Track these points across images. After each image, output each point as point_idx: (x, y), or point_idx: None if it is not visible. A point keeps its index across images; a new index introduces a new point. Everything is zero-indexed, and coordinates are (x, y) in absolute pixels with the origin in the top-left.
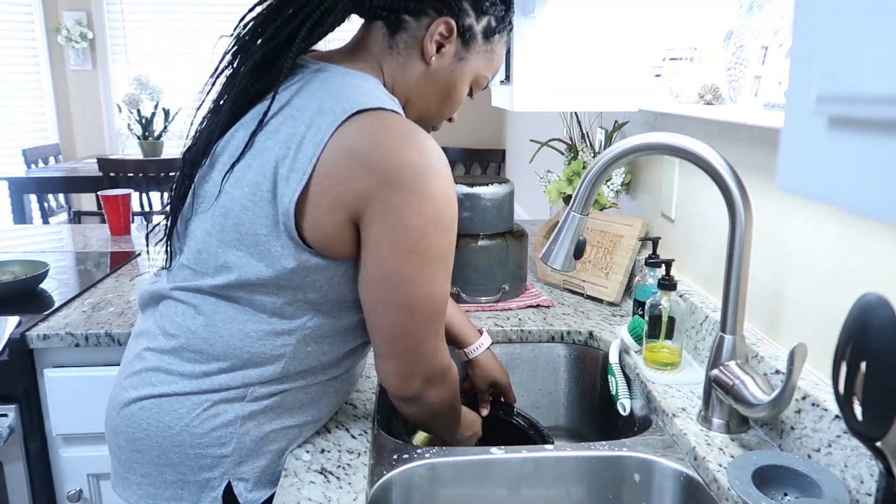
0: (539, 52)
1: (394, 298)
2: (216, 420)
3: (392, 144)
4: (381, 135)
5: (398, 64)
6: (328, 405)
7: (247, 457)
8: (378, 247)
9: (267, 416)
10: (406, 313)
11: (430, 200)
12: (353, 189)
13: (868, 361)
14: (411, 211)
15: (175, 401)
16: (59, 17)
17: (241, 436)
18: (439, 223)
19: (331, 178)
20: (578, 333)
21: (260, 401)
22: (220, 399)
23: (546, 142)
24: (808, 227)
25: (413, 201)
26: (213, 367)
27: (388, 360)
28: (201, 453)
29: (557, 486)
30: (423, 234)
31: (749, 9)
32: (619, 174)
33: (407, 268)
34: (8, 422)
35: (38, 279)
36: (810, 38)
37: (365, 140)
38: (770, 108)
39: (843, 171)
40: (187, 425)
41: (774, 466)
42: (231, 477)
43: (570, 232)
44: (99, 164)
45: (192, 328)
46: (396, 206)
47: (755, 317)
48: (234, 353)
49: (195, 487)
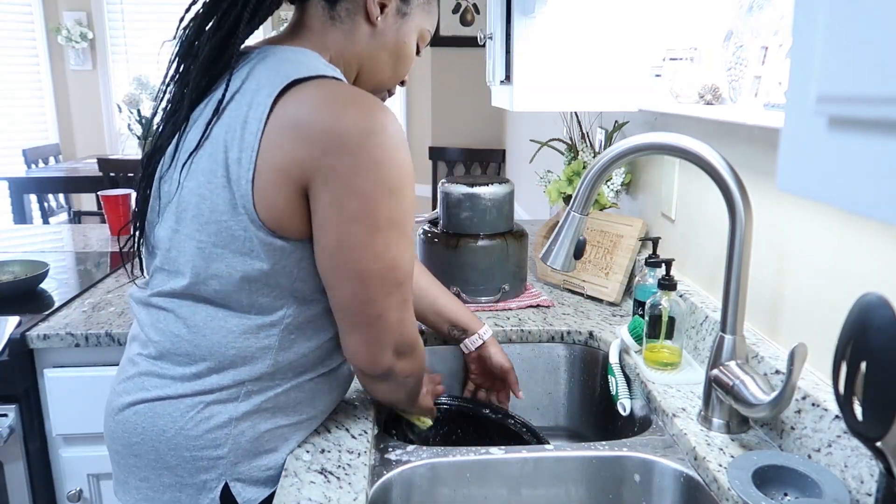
0: (539, 52)
1: (348, 268)
2: (210, 422)
3: (332, 110)
4: (320, 101)
5: (344, 32)
6: (323, 403)
7: (243, 457)
8: (326, 216)
9: (261, 416)
10: (361, 284)
11: (376, 163)
12: (297, 159)
13: (868, 361)
14: (356, 175)
15: (168, 404)
16: (59, 17)
17: (235, 437)
18: (387, 186)
19: (276, 151)
20: (578, 333)
21: (253, 400)
22: (213, 400)
23: (546, 142)
24: (808, 227)
25: (357, 165)
26: (203, 368)
27: (351, 334)
28: (197, 455)
29: (557, 487)
30: (370, 199)
31: (749, 9)
32: (619, 174)
33: (357, 235)
34: (8, 422)
35: (38, 279)
36: (810, 38)
37: (304, 109)
38: (770, 108)
39: (843, 171)
40: (182, 428)
41: (774, 466)
42: (228, 478)
43: (570, 232)
44: (99, 164)
45: (176, 332)
46: (340, 171)
47: (755, 317)
48: (219, 351)
49: (193, 490)
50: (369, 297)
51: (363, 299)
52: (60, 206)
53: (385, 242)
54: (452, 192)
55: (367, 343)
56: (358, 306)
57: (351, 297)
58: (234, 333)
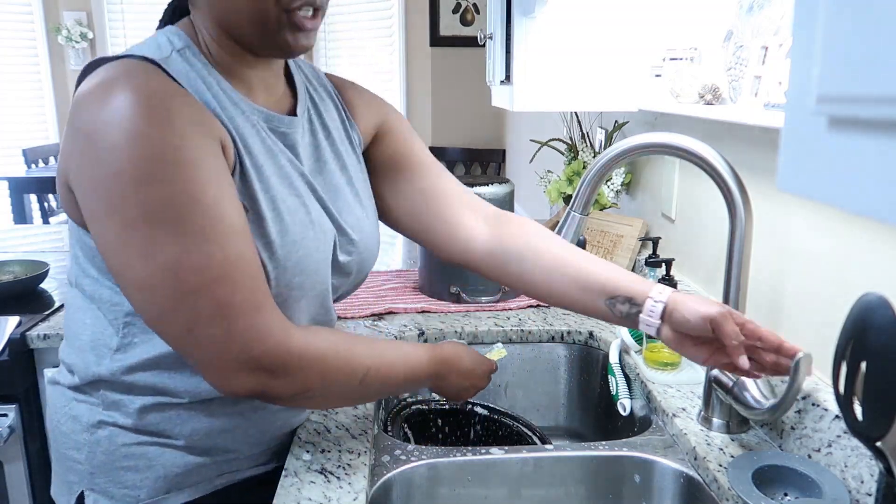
0: (539, 52)
1: (120, 277)
2: (75, 422)
3: (80, 97)
4: (81, 92)
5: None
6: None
7: (99, 469)
8: (85, 216)
9: (120, 429)
10: (141, 295)
11: (112, 150)
12: (63, 152)
13: (868, 361)
14: (92, 167)
15: (54, 389)
16: (59, 17)
17: (92, 444)
18: (131, 176)
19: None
20: (578, 333)
21: (111, 412)
22: (79, 399)
23: (546, 142)
24: (809, 227)
25: (91, 155)
26: (69, 364)
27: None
28: (65, 454)
29: (557, 486)
30: (110, 194)
31: (749, 9)
32: (619, 174)
33: (110, 238)
34: (8, 422)
35: (38, 279)
36: (810, 37)
37: (76, 95)
38: (770, 108)
39: (843, 171)
40: (59, 421)
41: (774, 466)
42: (85, 486)
43: (571, 232)
44: None
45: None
46: (81, 164)
47: (755, 317)
48: (75, 343)
49: (66, 488)
50: (159, 311)
51: (157, 314)
52: (60, 207)
53: (148, 243)
54: None
55: (200, 366)
56: (156, 322)
57: (146, 313)
58: (83, 323)
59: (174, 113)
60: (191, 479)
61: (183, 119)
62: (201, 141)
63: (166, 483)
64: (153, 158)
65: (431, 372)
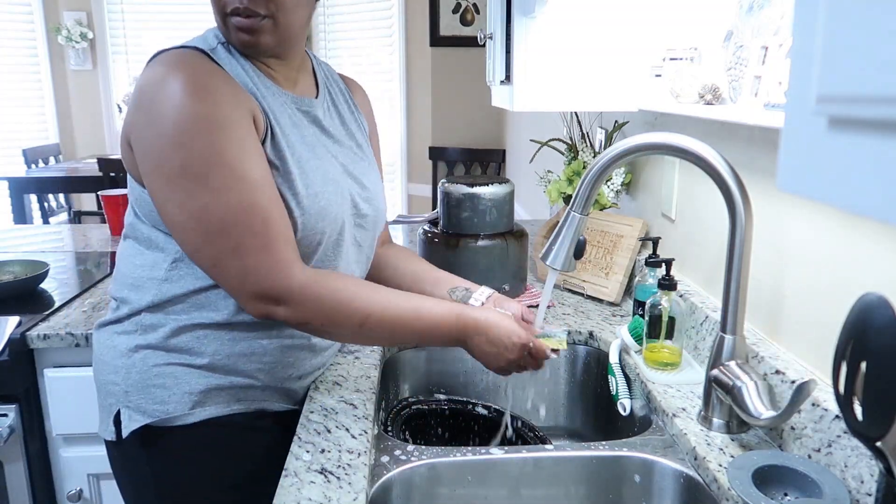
0: (539, 52)
1: (166, 220)
2: (115, 350)
3: (143, 74)
4: (149, 68)
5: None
6: (223, 352)
7: (133, 387)
8: (141, 172)
9: (154, 352)
10: (180, 235)
11: (161, 117)
12: (126, 119)
13: (868, 361)
14: (146, 131)
15: (100, 331)
16: (59, 17)
17: (129, 367)
18: (172, 137)
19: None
20: (578, 333)
21: (148, 336)
22: (119, 330)
23: (546, 142)
24: (809, 227)
25: (146, 121)
26: (117, 299)
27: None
28: (105, 379)
29: (557, 487)
30: (158, 153)
31: (749, 9)
32: (619, 174)
33: (157, 188)
34: (8, 422)
35: (38, 279)
36: (810, 38)
37: (140, 76)
38: (770, 108)
39: (843, 171)
40: (101, 354)
41: (774, 466)
42: (121, 405)
43: (570, 232)
44: (99, 164)
45: (116, 265)
46: (137, 128)
47: (755, 317)
48: (125, 282)
49: (105, 412)
50: (193, 247)
51: (191, 251)
52: (60, 206)
53: (183, 192)
54: (452, 192)
55: (226, 290)
56: (192, 256)
57: (184, 248)
58: (134, 264)
59: (212, 89)
60: (211, 399)
61: (219, 94)
62: (232, 112)
63: (190, 399)
64: (190, 124)
65: (455, 330)
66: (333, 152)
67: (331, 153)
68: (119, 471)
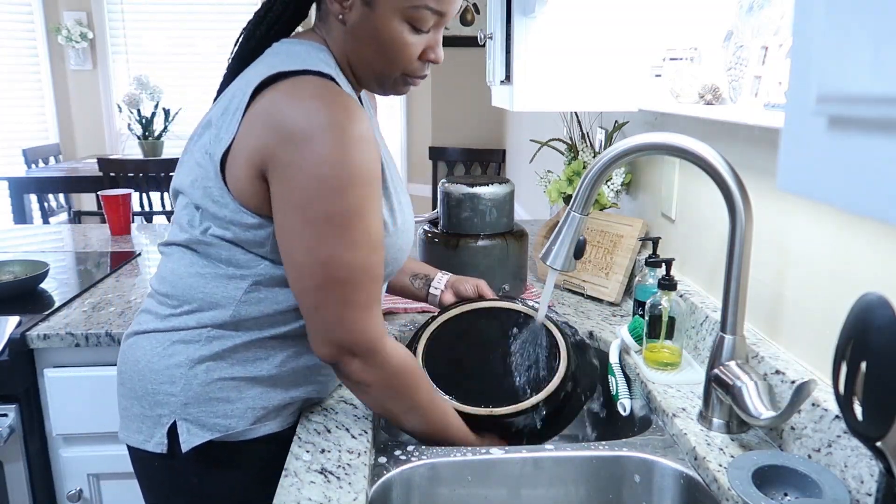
0: (539, 52)
1: (287, 256)
2: (171, 359)
3: (295, 103)
4: (290, 95)
5: (327, 33)
6: (287, 365)
7: (193, 399)
8: (275, 202)
9: (218, 364)
10: (296, 273)
11: (320, 158)
12: (260, 146)
13: (868, 361)
14: (297, 168)
15: (145, 338)
16: (59, 16)
17: (189, 378)
18: (327, 183)
19: (247, 137)
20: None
21: (212, 346)
22: (178, 339)
23: (546, 142)
24: (809, 226)
25: (300, 159)
26: (178, 309)
27: (304, 318)
28: (156, 389)
29: (557, 486)
30: (308, 193)
31: (749, 9)
32: (619, 174)
33: (291, 226)
34: (8, 422)
35: (38, 279)
36: (810, 37)
37: (277, 100)
38: (770, 108)
39: (843, 171)
40: (149, 361)
41: (774, 466)
42: (178, 416)
43: (571, 232)
44: (99, 164)
45: (163, 274)
46: (287, 162)
47: (755, 317)
48: (191, 294)
49: (151, 422)
50: (304, 287)
51: (300, 289)
52: (60, 206)
53: (318, 238)
54: (452, 192)
55: (310, 330)
56: (298, 293)
57: (293, 283)
58: (205, 279)
59: (366, 136)
60: (272, 414)
61: (370, 141)
62: (376, 165)
63: (253, 414)
64: (348, 176)
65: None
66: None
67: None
68: (159, 484)
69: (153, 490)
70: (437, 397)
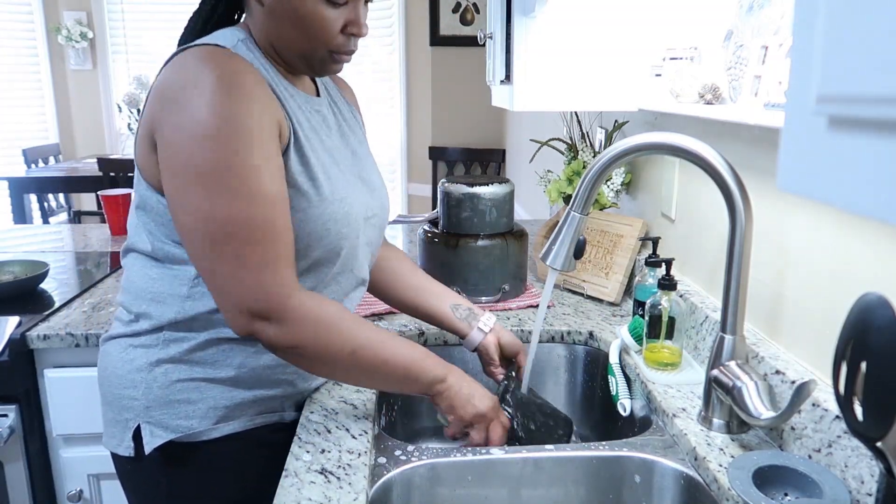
0: (539, 52)
1: (176, 223)
2: (132, 364)
3: (176, 68)
4: (176, 63)
5: (251, 20)
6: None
7: (155, 402)
8: (162, 170)
9: (177, 367)
10: (186, 238)
11: (189, 114)
12: (149, 114)
13: (868, 361)
14: (173, 128)
15: (111, 344)
16: (59, 16)
17: (149, 381)
18: (196, 137)
19: (146, 110)
20: (578, 333)
21: (170, 350)
22: (138, 344)
23: (546, 142)
24: (809, 227)
25: (174, 118)
26: (134, 313)
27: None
28: (121, 394)
29: (557, 487)
30: (183, 151)
31: (749, 8)
32: (619, 174)
33: (173, 188)
34: (8, 422)
35: (38, 279)
36: (810, 38)
37: (165, 71)
38: (770, 107)
39: (843, 171)
40: (114, 367)
41: (775, 466)
42: (141, 420)
43: (570, 232)
44: (99, 164)
45: (122, 283)
46: (164, 124)
47: (755, 317)
48: (144, 296)
49: (120, 426)
50: (195, 252)
51: (192, 255)
52: (60, 206)
53: (198, 195)
54: (452, 192)
55: (218, 304)
56: (194, 262)
57: (189, 253)
58: (153, 280)
59: (245, 89)
60: (235, 414)
61: (252, 95)
62: (261, 117)
63: (215, 414)
64: (219, 123)
65: (440, 373)
66: (345, 153)
67: (343, 154)
68: (135, 486)
69: (134, 492)
70: (380, 331)
